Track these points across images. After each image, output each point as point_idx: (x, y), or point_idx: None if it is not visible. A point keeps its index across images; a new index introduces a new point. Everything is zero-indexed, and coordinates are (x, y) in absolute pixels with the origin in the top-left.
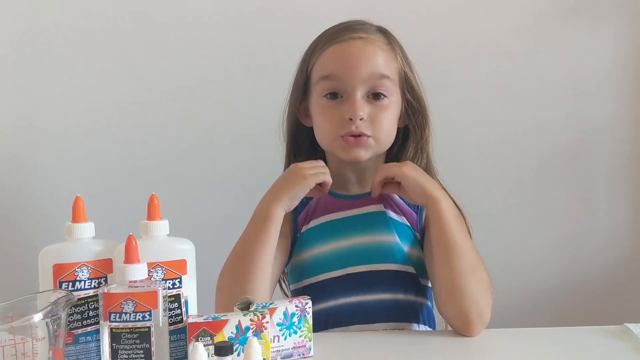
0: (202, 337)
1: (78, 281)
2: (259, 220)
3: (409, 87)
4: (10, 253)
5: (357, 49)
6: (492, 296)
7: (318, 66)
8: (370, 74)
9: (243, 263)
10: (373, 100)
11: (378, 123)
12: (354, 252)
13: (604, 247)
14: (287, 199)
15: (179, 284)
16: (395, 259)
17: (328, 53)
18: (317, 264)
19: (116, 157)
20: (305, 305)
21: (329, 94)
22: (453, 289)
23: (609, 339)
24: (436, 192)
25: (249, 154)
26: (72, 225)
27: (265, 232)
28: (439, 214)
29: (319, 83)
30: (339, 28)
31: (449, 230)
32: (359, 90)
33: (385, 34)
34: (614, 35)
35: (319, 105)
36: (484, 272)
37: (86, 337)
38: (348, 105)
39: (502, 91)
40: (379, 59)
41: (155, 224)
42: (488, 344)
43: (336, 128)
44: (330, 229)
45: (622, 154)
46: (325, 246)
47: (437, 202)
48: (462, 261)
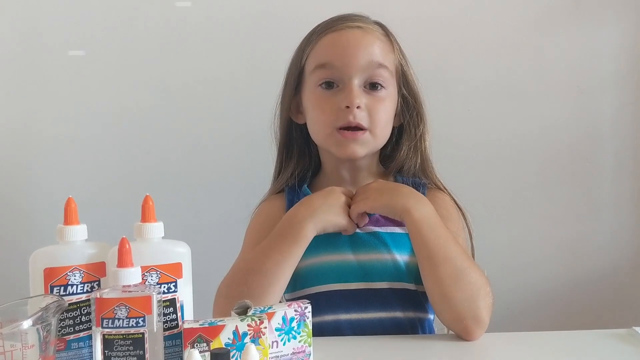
0: (198, 343)
1: (70, 285)
2: (289, 238)
3: (405, 82)
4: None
5: (354, 37)
6: (491, 296)
7: (313, 55)
8: (367, 63)
9: (262, 278)
10: (370, 90)
11: (375, 115)
12: (348, 267)
13: (608, 245)
14: (321, 223)
15: (174, 288)
16: (390, 276)
17: (324, 42)
18: (312, 275)
19: (109, 157)
20: (305, 310)
21: (324, 83)
22: (442, 298)
23: (616, 343)
24: (408, 203)
25: (245, 154)
26: (63, 228)
27: (293, 253)
28: (414, 225)
29: (314, 72)
30: (336, 18)
31: (426, 239)
32: (356, 79)
33: (383, 27)
34: (619, 33)
35: (313, 95)
36: (474, 273)
37: (79, 343)
38: (344, 94)
39: (505, 89)
40: (377, 48)
41: (149, 226)
42: (490, 349)
43: (332, 120)
44: (324, 241)
45: (626, 152)
46: (319, 258)
47: (408, 213)
48: (445, 268)
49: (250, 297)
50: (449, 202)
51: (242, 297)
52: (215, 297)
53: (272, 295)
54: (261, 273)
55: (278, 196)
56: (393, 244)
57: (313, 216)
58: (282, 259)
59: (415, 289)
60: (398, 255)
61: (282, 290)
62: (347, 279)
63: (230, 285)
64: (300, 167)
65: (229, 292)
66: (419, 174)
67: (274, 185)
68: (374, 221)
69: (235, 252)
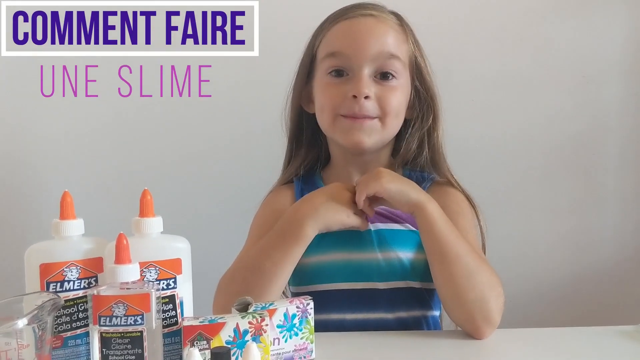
0: (198, 341)
1: (67, 281)
2: (290, 236)
3: (419, 74)
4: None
5: (366, 26)
6: (502, 296)
7: (324, 44)
8: (379, 52)
9: (261, 277)
10: (381, 80)
11: (385, 103)
12: (355, 267)
13: (614, 238)
14: (323, 222)
15: (174, 284)
16: (397, 275)
17: (335, 30)
18: (319, 273)
19: (107, 150)
20: (307, 306)
21: (334, 71)
22: (453, 296)
23: (623, 340)
24: (421, 196)
25: (246, 148)
26: (60, 222)
27: (293, 252)
28: (426, 220)
29: (324, 60)
30: (350, 6)
31: (438, 235)
32: (366, 69)
33: (398, 17)
34: (625, 22)
35: (322, 82)
36: (486, 272)
37: (75, 340)
38: (353, 83)
39: (510, 79)
40: (390, 38)
41: (148, 220)
42: (496, 346)
43: (337, 106)
44: (330, 239)
45: (631, 143)
46: (328, 255)
47: (422, 207)
48: (457, 267)
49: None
50: (460, 197)
51: (241, 294)
52: (215, 293)
53: (271, 293)
54: (260, 272)
55: (287, 186)
56: (395, 242)
57: (315, 215)
58: (281, 258)
59: (420, 287)
60: (402, 253)
61: (281, 288)
62: (355, 278)
63: (229, 282)
64: (310, 158)
65: (228, 289)
66: (429, 169)
67: (283, 175)
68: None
69: (236, 247)
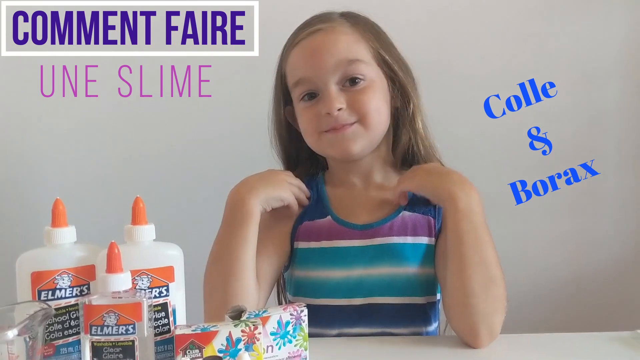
0: (190, 350)
1: (58, 289)
2: (236, 217)
3: (386, 65)
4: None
5: (316, 43)
6: (506, 308)
7: (289, 72)
8: (336, 63)
9: (220, 266)
10: (350, 86)
11: (359, 106)
12: (357, 283)
13: (613, 238)
14: (264, 196)
15: (166, 292)
16: (401, 291)
17: (293, 55)
18: (314, 287)
19: (99, 157)
20: (301, 313)
21: (306, 95)
22: (464, 304)
23: (620, 347)
24: (454, 189)
25: (239, 155)
26: (51, 230)
27: (245, 233)
28: (454, 216)
29: (294, 90)
30: (300, 27)
31: (462, 236)
32: (331, 83)
33: (348, 17)
34: (625, 21)
35: (299, 108)
36: (500, 287)
37: (68, 348)
38: (323, 101)
39: (508, 76)
40: (341, 44)
41: (140, 228)
42: (490, 353)
43: (317, 126)
44: (331, 256)
45: (631, 142)
46: (327, 272)
47: (453, 201)
48: (476, 273)
49: (218, 290)
50: None
51: (217, 290)
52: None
53: (236, 281)
54: (219, 262)
55: None
56: (405, 256)
57: (255, 191)
58: (236, 243)
59: (424, 303)
60: (410, 268)
61: (247, 276)
62: (355, 294)
63: (205, 284)
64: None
65: (206, 289)
66: (424, 159)
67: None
68: (386, 230)
69: None
